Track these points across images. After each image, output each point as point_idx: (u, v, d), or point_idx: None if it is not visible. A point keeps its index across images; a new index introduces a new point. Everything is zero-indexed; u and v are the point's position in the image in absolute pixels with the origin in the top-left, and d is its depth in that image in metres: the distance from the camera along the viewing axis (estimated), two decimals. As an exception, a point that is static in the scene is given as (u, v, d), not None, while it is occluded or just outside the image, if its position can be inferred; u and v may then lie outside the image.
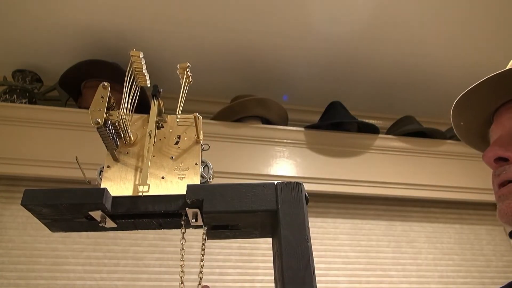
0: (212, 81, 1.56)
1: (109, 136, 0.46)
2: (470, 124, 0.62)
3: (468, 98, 0.57)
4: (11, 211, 1.23)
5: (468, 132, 0.64)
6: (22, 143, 1.23)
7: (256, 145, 1.40)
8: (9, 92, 1.33)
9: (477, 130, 0.63)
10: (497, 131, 0.55)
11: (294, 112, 1.67)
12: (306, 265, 0.39)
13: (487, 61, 1.52)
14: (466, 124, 0.63)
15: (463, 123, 0.63)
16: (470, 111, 0.60)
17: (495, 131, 0.56)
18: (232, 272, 1.27)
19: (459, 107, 0.60)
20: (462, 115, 0.62)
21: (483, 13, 1.32)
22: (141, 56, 0.51)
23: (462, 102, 0.59)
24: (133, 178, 0.48)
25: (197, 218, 0.45)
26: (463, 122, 0.63)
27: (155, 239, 1.27)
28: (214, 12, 1.28)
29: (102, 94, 0.45)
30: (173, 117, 0.55)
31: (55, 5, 1.23)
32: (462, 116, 0.62)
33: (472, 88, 0.56)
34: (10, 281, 1.13)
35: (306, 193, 0.45)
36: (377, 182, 1.43)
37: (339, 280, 1.33)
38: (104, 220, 0.45)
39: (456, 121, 0.64)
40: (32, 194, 0.42)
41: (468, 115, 0.61)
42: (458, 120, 0.63)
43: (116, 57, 1.39)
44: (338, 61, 1.50)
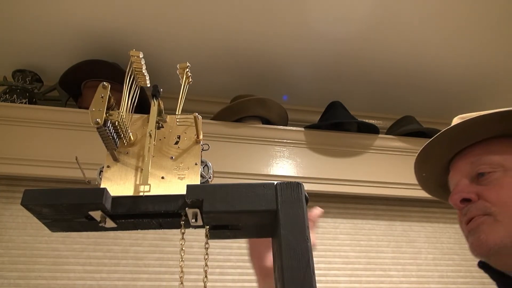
0: (212, 81, 1.56)
1: (109, 136, 0.46)
2: (430, 174, 0.71)
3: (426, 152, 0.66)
4: (11, 211, 1.23)
5: (429, 182, 0.73)
6: (22, 143, 1.23)
7: (256, 145, 1.40)
8: (9, 92, 1.33)
9: (437, 180, 0.72)
10: (456, 177, 0.64)
11: (294, 112, 1.67)
12: (306, 265, 0.39)
13: (487, 61, 1.52)
14: (427, 175, 0.71)
15: (425, 174, 0.71)
16: (429, 163, 0.69)
17: (454, 177, 0.65)
18: (232, 272, 1.27)
19: (420, 161, 0.69)
20: (422, 168, 0.70)
21: (483, 14, 1.32)
22: (141, 56, 0.51)
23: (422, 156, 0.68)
24: (133, 178, 0.48)
25: (197, 218, 0.45)
26: (424, 174, 0.71)
27: (155, 239, 1.27)
28: (214, 12, 1.28)
29: (102, 94, 0.45)
30: (173, 117, 0.55)
31: (55, 5, 1.23)
32: (423, 168, 0.70)
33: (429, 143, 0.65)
34: (10, 281, 1.13)
35: (306, 193, 0.45)
36: (377, 182, 1.43)
37: (339, 280, 1.33)
38: (104, 220, 0.45)
39: (418, 174, 0.72)
40: (32, 194, 0.42)
41: (428, 167, 0.70)
42: (420, 172, 0.71)
43: (116, 57, 1.39)
44: (338, 61, 1.50)
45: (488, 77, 1.60)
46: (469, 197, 0.59)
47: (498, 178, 0.58)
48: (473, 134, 0.62)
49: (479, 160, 0.61)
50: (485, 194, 0.58)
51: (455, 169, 0.65)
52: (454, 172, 0.65)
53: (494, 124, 0.60)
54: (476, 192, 0.59)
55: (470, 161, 0.62)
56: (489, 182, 0.58)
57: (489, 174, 0.59)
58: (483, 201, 0.57)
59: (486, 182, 0.59)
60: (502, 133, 0.61)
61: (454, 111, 1.79)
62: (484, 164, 0.60)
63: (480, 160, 0.61)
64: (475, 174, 0.61)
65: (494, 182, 0.58)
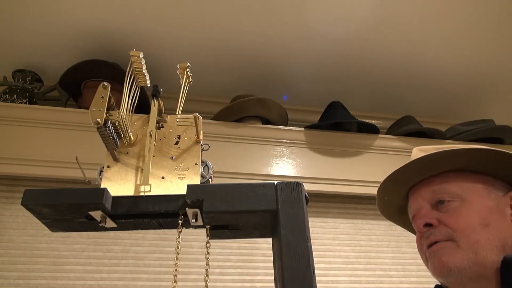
0: (212, 81, 1.56)
1: (109, 136, 0.46)
2: (392, 198, 0.78)
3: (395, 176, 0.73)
4: (11, 211, 1.23)
5: (389, 205, 0.80)
6: (22, 143, 1.23)
7: (256, 145, 1.40)
8: (9, 92, 1.33)
9: (396, 204, 0.79)
10: (417, 201, 0.71)
11: (294, 112, 1.67)
12: (306, 265, 0.39)
13: (487, 61, 1.52)
14: (389, 198, 0.78)
15: (387, 197, 0.78)
16: (392, 189, 0.75)
17: (416, 202, 0.71)
18: (232, 272, 1.27)
19: (386, 184, 0.75)
20: (387, 190, 0.77)
21: (483, 14, 1.32)
22: (141, 56, 0.51)
23: (387, 182, 0.75)
24: (134, 178, 0.48)
25: (197, 218, 0.45)
26: (387, 197, 0.78)
27: (155, 239, 1.27)
28: (214, 13, 1.28)
29: (102, 94, 0.45)
30: (173, 117, 0.55)
31: (55, 5, 1.23)
32: (387, 191, 0.77)
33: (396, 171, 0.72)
34: (10, 281, 1.13)
35: (306, 193, 0.45)
36: (377, 182, 1.41)
37: (339, 280, 1.33)
38: (104, 220, 0.45)
39: (380, 195, 0.79)
40: (32, 194, 0.42)
41: (391, 192, 0.76)
42: (383, 194, 0.78)
43: (116, 57, 1.39)
44: (338, 61, 1.50)
45: (488, 77, 1.60)
46: (431, 222, 0.65)
47: (456, 206, 0.65)
48: (436, 166, 0.69)
49: (440, 189, 0.68)
50: (445, 220, 0.64)
51: (417, 195, 0.71)
52: (416, 197, 0.71)
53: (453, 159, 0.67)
54: (437, 218, 0.65)
55: (432, 189, 0.69)
56: (449, 210, 0.65)
57: (449, 203, 0.66)
58: (444, 226, 0.64)
59: (446, 209, 0.66)
60: (457, 167, 0.69)
61: (454, 111, 1.79)
62: (445, 193, 0.67)
63: (441, 189, 0.68)
64: (435, 202, 0.68)
65: (453, 210, 0.65)
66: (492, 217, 0.63)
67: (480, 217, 0.62)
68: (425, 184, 0.70)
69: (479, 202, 0.64)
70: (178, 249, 0.44)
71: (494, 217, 0.63)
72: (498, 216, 0.63)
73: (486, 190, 0.66)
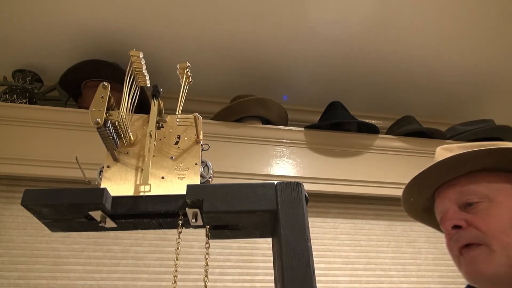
0: (212, 81, 1.56)
1: (109, 136, 0.46)
2: (417, 200, 0.77)
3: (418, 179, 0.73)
4: (11, 211, 1.23)
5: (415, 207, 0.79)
6: (22, 143, 1.23)
7: (256, 145, 1.40)
8: (9, 92, 1.33)
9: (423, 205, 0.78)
10: (444, 203, 0.70)
11: (294, 112, 1.67)
12: (306, 265, 0.39)
13: (487, 61, 1.52)
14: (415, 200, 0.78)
15: (413, 199, 0.77)
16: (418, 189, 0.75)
17: (442, 203, 0.70)
18: (232, 272, 1.27)
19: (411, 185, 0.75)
20: (412, 193, 0.76)
21: (482, 14, 1.32)
22: (141, 56, 0.51)
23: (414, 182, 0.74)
24: (133, 178, 0.48)
25: (197, 218, 0.45)
26: (412, 198, 0.77)
27: (155, 239, 1.27)
28: (214, 13, 1.28)
29: (102, 94, 0.45)
30: (173, 117, 0.55)
31: (55, 5, 1.23)
32: (412, 193, 0.76)
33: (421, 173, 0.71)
34: (10, 281, 1.13)
35: (306, 193, 0.45)
36: (377, 182, 1.43)
37: (339, 280, 1.33)
38: (104, 220, 0.45)
39: (406, 197, 0.78)
40: (32, 194, 0.42)
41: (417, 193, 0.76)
42: (408, 196, 0.77)
43: (116, 57, 1.39)
44: (338, 62, 1.50)
45: (488, 77, 1.60)
46: (460, 224, 0.64)
47: (485, 208, 0.64)
48: (461, 167, 0.68)
49: (467, 190, 0.67)
50: (474, 222, 0.63)
51: (443, 196, 0.70)
52: (442, 199, 0.71)
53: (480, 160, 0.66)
54: (465, 219, 0.64)
55: (458, 190, 0.68)
56: (477, 211, 0.64)
57: (477, 204, 0.65)
58: (474, 229, 0.63)
59: (474, 211, 0.64)
60: (484, 167, 0.67)
61: (454, 111, 1.79)
62: (472, 194, 0.66)
63: (468, 190, 0.66)
64: (463, 203, 0.67)
65: (482, 212, 0.64)
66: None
67: (510, 219, 0.61)
68: (451, 186, 0.69)
69: (508, 203, 0.63)
70: (178, 249, 0.44)
71: None
72: None
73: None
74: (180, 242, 0.44)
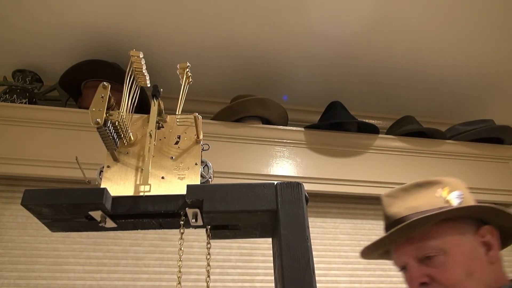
0: (212, 81, 1.56)
1: (109, 136, 0.46)
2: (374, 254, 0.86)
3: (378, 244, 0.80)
4: (11, 211, 1.23)
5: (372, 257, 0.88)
6: (22, 143, 1.23)
7: (256, 145, 1.40)
8: (9, 92, 1.33)
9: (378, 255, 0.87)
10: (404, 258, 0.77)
11: (294, 112, 1.67)
12: (306, 265, 0.39)
13: (487, 61, 1.52)
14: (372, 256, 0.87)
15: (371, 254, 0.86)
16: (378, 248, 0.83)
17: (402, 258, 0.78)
18: (232, 272, 1.27)
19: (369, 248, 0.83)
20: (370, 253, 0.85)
21: (482, 14, 1.32)
22: (141, 56, 0.51)
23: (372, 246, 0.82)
24: (133, 178, 0.48)
25: (197, 218, 0.45)
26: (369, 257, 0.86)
27: (155, 239, 1.27)
28: (214, 13, 1.28)
29: (102, 94, 0.45)
30: (173, 117, 0.55)
31: (55, 5, 1.23)
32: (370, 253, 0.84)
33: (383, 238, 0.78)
34: (10, 281, 1.13)
35: (306, 193, 0.45)
36: (377, 182, 1.43)
37: (339, 280, 1.33)
38: (104, 220, 0.45)
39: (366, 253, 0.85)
40: (32, 194, 0.42)
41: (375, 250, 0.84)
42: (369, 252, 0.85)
43: (116, 57, 1.39)
44: (338, 62, 1.50)
45: (488, 77, 1.60)
46: (425, 281, 0.72)
47: (442, 261, 0.71)
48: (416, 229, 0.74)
49: (423, 246, 0.73)
50: (436, 277, 0.71)
51: (400, 252, 0.77)
52: (400, 254, 0.78)
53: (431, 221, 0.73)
54: (428, 275, 0.72)
55: (415, 247, 0.74)
56: (436, 265, 0.72)
57: (435, 258, 0.72)
58: (437, 284, 0.71)
59: (433, 264, 0.72)
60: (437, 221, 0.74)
61: (454, 111, 1.79)
62: (429, 249, 0.73)
63: (424, 245, 0.73)
64: (421, 257, 0.73)
65: (440, 266, 0.71)
66: (473, 263, 0.70)
67: (464, 269, 0.70)
68: (408, 242, 0.75)
69: (460, 253, 0.71)
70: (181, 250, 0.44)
71: (474, 264, 0.70)
72: (477, 262, 0.71)
73: (462, 236, 0.73)
74: (182, 243, 0.44)
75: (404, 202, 0.79)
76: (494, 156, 1.58)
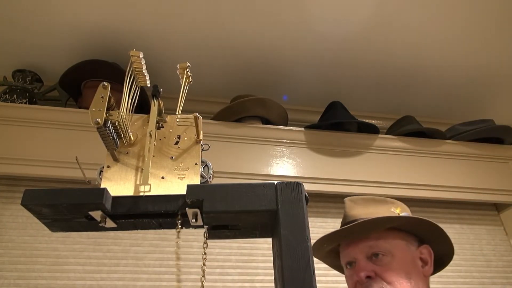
0: (212, 81, 1.56)
1: (109, 136, 0.46)
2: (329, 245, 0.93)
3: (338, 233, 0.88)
4: (11, 211, 1.23)
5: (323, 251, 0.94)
6: (22, 143, 1.23)
7: (256, 145, 1.40)
8: (9, 92, 1.33)
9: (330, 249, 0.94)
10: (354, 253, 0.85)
11: (294, 112, 1.67)
12: (306, 265, 0.39)
13: (487, 61, 1.52)
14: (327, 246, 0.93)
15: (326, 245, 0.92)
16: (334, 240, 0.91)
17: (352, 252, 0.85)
18: (232, 272, 1.27)
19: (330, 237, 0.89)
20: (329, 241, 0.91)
21: (482, 15, 1.32)
22: (141, 56, 0.51)
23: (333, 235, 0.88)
24: (133, 178, 0.48)
25: (197, 218, 0.45)
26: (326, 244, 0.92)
27: (155, 239, 1.27)
28: (214, 13, 1.28)
29: (102, 94, 0.45)
30: (173, 117, 0.55)
31: (55, 5, 1.23)
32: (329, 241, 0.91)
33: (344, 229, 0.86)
34: (10, 281, 1.13)
35: (306, 193, 0.45)
36: (377, 182, 1.43)
37: (339, 280, 1.33)
38: (104, 220, 0.45)
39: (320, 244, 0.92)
40: (32, 194, 0.42)
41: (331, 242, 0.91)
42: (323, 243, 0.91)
43: (116, 57, 1.39)
44: (338, 62, 1.50)
45: (488, 77, 1.60)
46: (371, 275, 0.80)
47: (388, 262, 0.81)
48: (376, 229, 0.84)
49: (376, 245, 0.83)
50: (381, 274, 0.80)
51: (354, 246, 0.85)
52: (353, 248, 0.85)
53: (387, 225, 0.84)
54: (374, 271, 0.81)
55: (369, 245, 0.83)
56: (383, 264, 0.81)
57: (383, 257, 0.81)
58: (380, 279, 0.79)
59: (380, 263, 0.81)
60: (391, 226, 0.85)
61: (454, 111, 1.79)
62: (380, 249, 0.82)
63: (376, 245, 0.83)
64: (370, 254, 0.83)
65: (386, 265, 0.80)
66: (412, 270, 0.81)
67: (405, 272, 0.80)
68: (363, 239, 0.84)
69: (403, 258, 0.82)
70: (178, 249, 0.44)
71: (413, 270, 0.81)
72: (415, 270, 0.82)
73: (407, 246, 0.84)
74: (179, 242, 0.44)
75: (364, 209, 0.89)
76: (494, 156, 1.58)
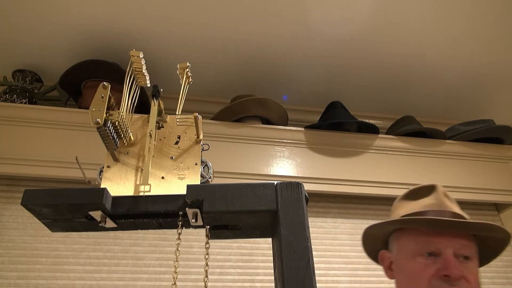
0: (212, 81, 1.56)
1: (109, 136, 0.46)
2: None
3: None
4: (11, 211, 1.23)
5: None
6: (22, 143, 1.23)
7: (256, 145, 1.40)
8: (9, 92, 1.33)
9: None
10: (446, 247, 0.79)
11: (294, 112, 1.67)
12: (306, 265, 0.39)
13: (487, 61, 1.52)
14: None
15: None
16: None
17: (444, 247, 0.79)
18: (232, 272, 1.27)
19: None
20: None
21: (482, 15, 1.32)
22: (141, 56, 0.51)
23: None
24: (133, 178, 0.48)
25: (197, 218, 0.45)
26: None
27: (155, 239, 1.27)
28: (214, 13, 1.28)
29: (102, 94, 0.45)
30: (173, 117, 0.55)
31: (56, 5, 1.23)
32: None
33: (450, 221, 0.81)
34: (10, 281, 1.13)
35: (306, 193, 0.45)
36: (377, 182, 1.43)
37: (339, 280, 1.33)
38: (104, 220, 0.45)
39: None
40: (32, 194, 0.42)
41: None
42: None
43: (116, 57, 1.39)
44: (338, 62, 1.50)
45: (488, 77, 1.60)
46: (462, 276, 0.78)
47: (473, 265, 0.79)
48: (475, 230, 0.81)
49: (468, 246, 0.80)
50: (468, 277, 0.77)
51: (449, 241, 0.80)
52: (443, 240, 0.80)
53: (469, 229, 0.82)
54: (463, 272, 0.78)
55: (463, 244, 0.79)
56: (469, 267, 0.78)
57: (470, 260, 0.79)
58: (466, 282, 0.77)
59: (467, 266, 0.78)
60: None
61: (454, 111, 1.79)
62: (471, 251, 0.80)
63: (468, 246, 0.80)
64: (460, 254, 0.79)
65: (472, 269, 0.78)
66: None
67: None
68: (458, 236, 0.80)
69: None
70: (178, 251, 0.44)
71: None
72: None
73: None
74: (179, 243, 0.44)
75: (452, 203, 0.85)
76: (494, 156, 1.58)
